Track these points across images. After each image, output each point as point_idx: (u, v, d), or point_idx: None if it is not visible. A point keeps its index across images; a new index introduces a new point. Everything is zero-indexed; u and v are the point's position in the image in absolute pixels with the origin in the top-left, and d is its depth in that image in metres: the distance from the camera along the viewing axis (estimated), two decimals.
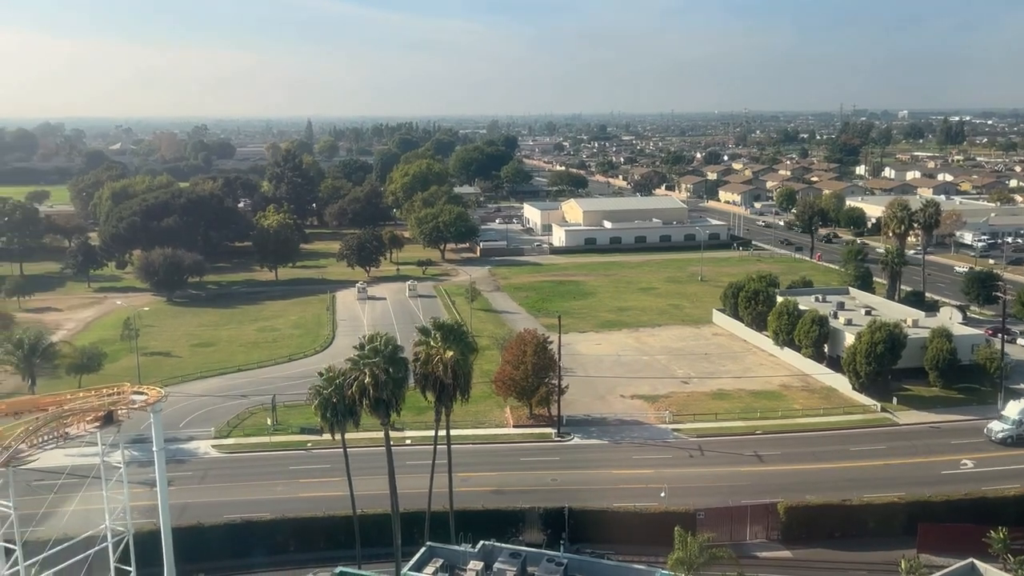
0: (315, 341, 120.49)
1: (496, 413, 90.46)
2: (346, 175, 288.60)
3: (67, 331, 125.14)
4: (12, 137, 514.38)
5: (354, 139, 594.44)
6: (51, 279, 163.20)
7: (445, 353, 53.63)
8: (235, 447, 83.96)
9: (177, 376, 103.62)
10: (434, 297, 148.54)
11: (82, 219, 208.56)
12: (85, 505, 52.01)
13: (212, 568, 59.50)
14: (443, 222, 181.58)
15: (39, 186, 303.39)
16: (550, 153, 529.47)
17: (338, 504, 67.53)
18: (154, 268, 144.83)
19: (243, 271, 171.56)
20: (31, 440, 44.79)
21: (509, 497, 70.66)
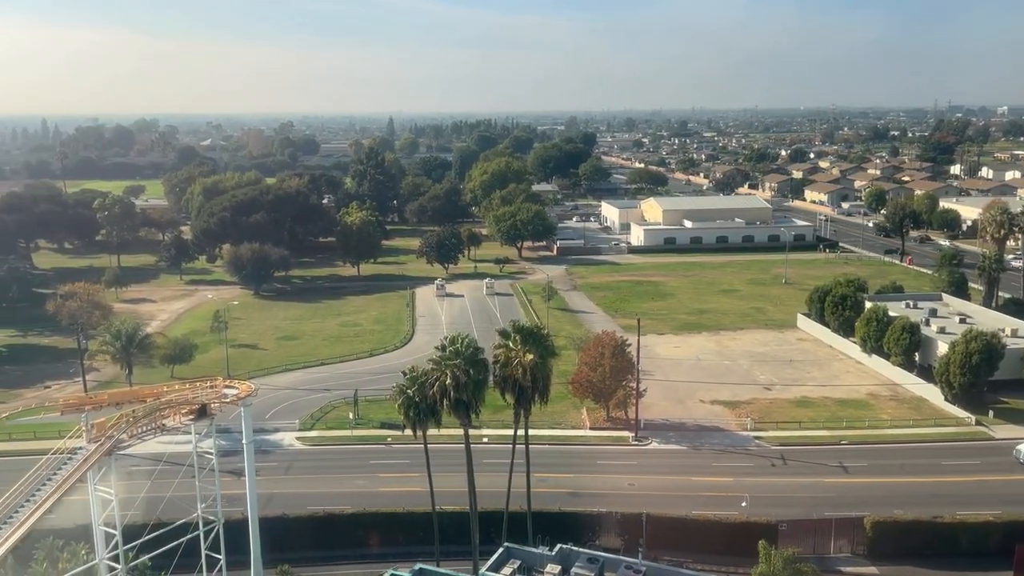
0: (395, 337, 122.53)
1: (573, 414, 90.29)
2: (426, 172, 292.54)
3: (160, 322, 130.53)
4: (111, 133, 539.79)
5: (434, 136, 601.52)
6: (146, 271, 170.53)
7: (525, 356, 53.81)
8: (318, 440, 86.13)
9: (263, 368, 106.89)
10: (511, 295, 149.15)
11: (175, 213, 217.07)
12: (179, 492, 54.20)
13: (296, 558, 61.11)
14: (521, 220, 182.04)
15: (135, 180, 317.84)
16: (629, 150, 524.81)
17: (417, 500, 68.63)
18: (242, 262, 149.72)
19: (327, 266, 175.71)
20: (132, 431, 46.95)
21: (585, 500, 70.53)
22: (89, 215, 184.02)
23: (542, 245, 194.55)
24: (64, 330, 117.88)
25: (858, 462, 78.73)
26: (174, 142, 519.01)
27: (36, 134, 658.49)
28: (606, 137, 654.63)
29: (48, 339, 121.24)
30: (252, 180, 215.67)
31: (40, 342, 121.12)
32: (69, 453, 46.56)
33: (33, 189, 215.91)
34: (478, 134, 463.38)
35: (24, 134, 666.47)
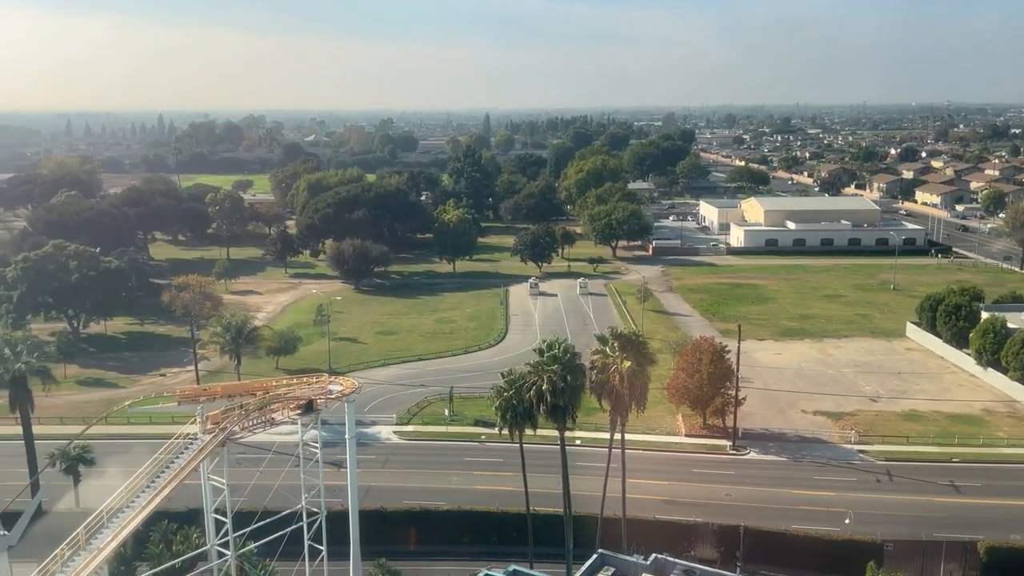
0: (489, 335, 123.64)
1: (668, 420, 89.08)
2: (521, 169, 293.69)
3: (266, 314, 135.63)
4: (221, 129, 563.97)
5: (529, 132, 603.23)
6: (253, 264, 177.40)
7: (622, 363, 53.39)
8: (414, 434, 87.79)
9: (363, 362, 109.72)
10: (605, 296, 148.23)
11: (281, 208, 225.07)
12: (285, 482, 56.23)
13: (392, 552, 62.25)
14: (616, 219, 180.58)
15: (243, 175, 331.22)
16: (729, 147, 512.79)
17: (509, 499, 69.15)
18: (344, 257, 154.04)
19: (423, 262, 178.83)
20: (243, 423, 49.00)
21: (681, 509, 69.57)
22: (201, 209, 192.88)
23: (637, 245, 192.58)
24: (178, 320, 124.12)
25: (971, 481, 74.84)
26: (280, 138, 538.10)
27: (153, 129, 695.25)
28: (705, 133, 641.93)
29: (163, 328, 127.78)
30: (354, 177, 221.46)
31: (156, 330, 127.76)
32: (185, 442, 49.03)
33: (151, 183, 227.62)
34: (573, 131, 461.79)
35: (142, 129, 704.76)
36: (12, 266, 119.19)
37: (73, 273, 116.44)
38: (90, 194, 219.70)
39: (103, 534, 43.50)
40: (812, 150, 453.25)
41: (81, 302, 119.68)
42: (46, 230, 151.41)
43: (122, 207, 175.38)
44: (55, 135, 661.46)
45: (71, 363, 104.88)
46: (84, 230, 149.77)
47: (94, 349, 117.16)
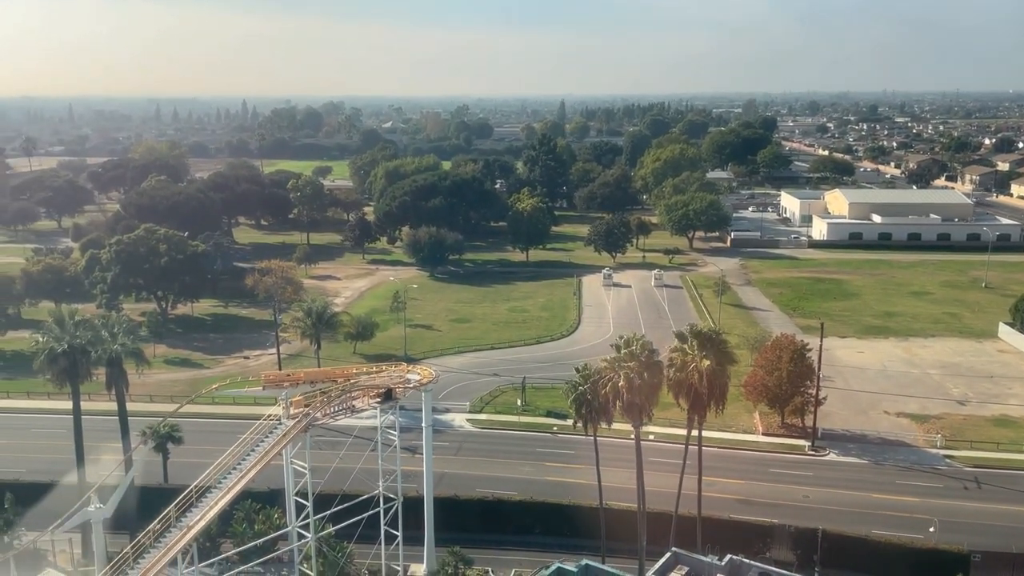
0: (561, 325, 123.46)
1: (744, 418, 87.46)
2: (596, 157, 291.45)
3: (344, 299, 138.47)
4: (302, 115, 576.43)
5: (605, 119, 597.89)
6: (331, 249, 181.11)
7: (702, 362, 52.57)
8: (487, 423, 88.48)
9: (437, 349, 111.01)
10: (680, 288, 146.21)
11: (359, 194, 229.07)
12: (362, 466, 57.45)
13: (465, 539, 62.91)
14: (693, 210, 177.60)
15: (323, 161, 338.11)
16: (812, 135, 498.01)
17: (581, 492, 69.04)
18: (420, 245, 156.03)
19: (497, 251, 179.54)
20: (325, 410, 50.29)
21: (756, 509, 68.39)
22: (283, 195, 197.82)
23: (715, 236, 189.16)
24: (260, 303, 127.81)
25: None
26: (358, 124, 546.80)
27: (237, 115, 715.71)
28: (787, 121, 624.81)
29: (246, 311, 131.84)
30: (430, 165, 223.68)
31: (239, 313, 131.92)
32: (270, 424, 50.63)
33: (235, 169, 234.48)
34: (650, 118, 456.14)
35: (227, 115, 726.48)
36: (107, 248, 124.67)
37: (163, 256, 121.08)
38: (178, 178, 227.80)
39: (192, 512, 45.29)
40: (900, 139, 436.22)
41: (169, 284, 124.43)
42: (137, 214, 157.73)
43: (208, 192, 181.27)
44: (145, 120, 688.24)
45: (160, 343, 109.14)
46: (172, 214, 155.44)
47: (181, 330, 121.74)
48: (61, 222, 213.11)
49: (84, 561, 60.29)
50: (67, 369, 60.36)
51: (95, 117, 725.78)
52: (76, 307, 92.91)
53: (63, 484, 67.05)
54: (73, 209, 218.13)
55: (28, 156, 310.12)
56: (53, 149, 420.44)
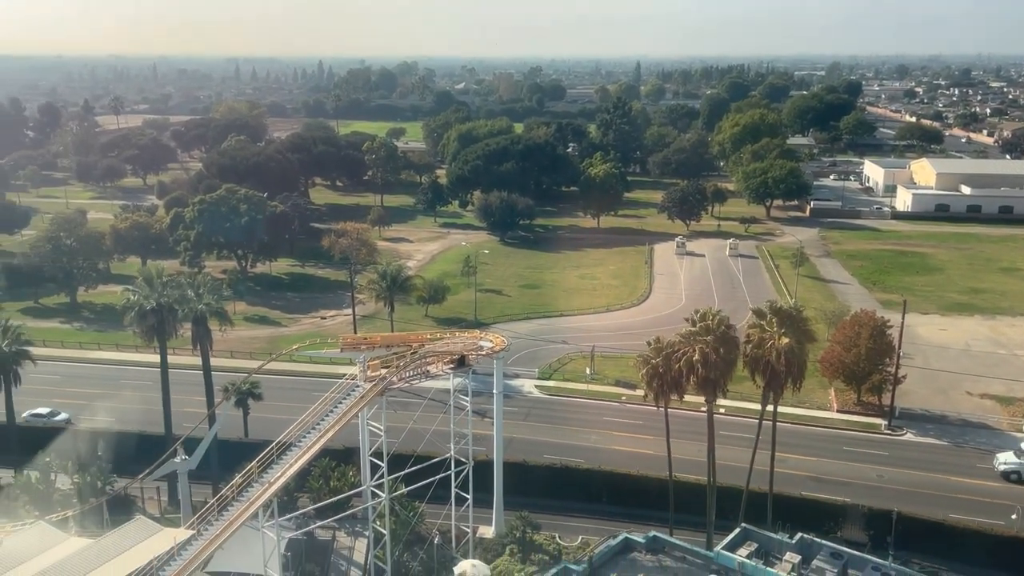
0: (632, 294, 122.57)
1: (819, 394, 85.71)
2: (671, 121, 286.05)
3: (416, 262, 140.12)
4: (376, 76, 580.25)
5: (681, 82, 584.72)
6: (404, 211, 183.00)
7: (780, 340, 51.54)
8: (555, 390, 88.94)
9: (506, 315, 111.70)
10: (756, 258, 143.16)
11: (431, 157, 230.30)
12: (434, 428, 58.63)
13: (532, 504, 63.74)
14: (772, 178, 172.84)
15: (396, 122, 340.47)
16: (899, 101, 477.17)
17: (649, 463, 69.07)
18: (491, 209, 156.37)
19: (567, 216, 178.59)
20: (401, 374, 51.35)
21: (829, 487, 67.32)
22: (358, 156, 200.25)
23: (793, 205, 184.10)
24: (335, 264, 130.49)
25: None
26: (432, 85, 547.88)
27: (313, 75, 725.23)
28: (873, 86, 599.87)
29: (322, 271, 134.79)
30: (502, 128, 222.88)
31: (315, 273, 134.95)
32: (348, 385, 52.02)
33: (312, 130, 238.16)
34: (729, 80, 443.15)
35: (303, 75, 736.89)
36: (190, 207, 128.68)
37: (243, 216, 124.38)
38: (256, 138, 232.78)
39: (274, 469, 47.00)
40: (994, 106, 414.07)
41: (249, 243, 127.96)
42: (219, 173, 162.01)
43: (286, 153, 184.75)
44: (225, 79, 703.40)
45: (239, 301, 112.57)
46: (252, 174, 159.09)
47: (260, 288, 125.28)
48: (146, 179, 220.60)
49: (171, 508, 63.34)
50: (155, 326, 62.93)
51: (178, 76, 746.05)
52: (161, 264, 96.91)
53: (151, 435, 70.46)
54: (157, 167, 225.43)
55: (116, 114, 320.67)
56: (138, 107, 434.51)
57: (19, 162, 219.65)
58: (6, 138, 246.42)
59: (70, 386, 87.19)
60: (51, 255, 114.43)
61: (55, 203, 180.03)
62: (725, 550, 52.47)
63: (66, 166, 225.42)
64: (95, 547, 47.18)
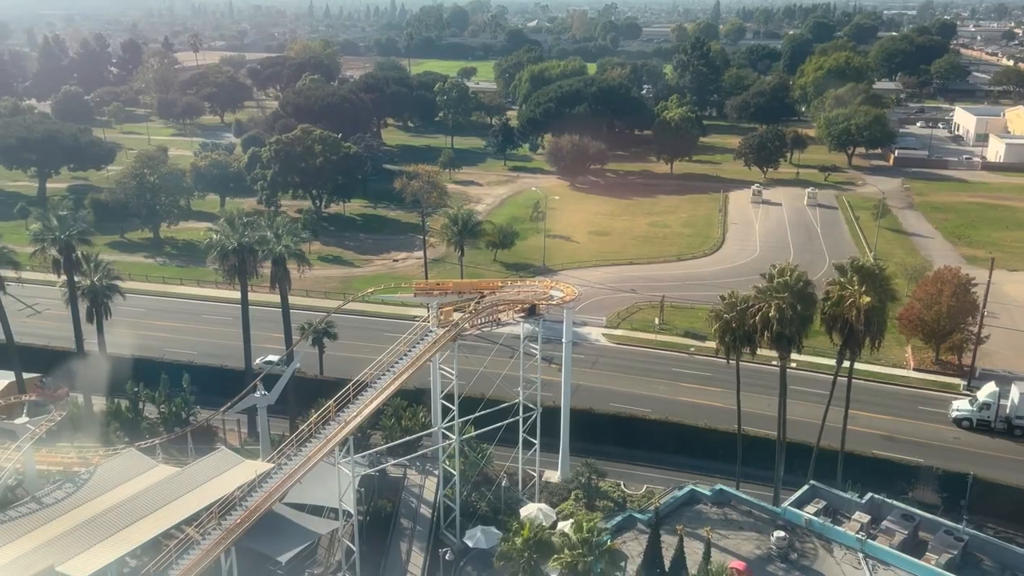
0: (704, 243, 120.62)
1: (895, 351, 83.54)
2: (751, 63, 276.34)
3: (485, 206, 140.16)
4: (449, 13, 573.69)
5: (763, 21, 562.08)
6: (474, 154, 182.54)
7: (861, 298, 50.19)
8: (623, 339, 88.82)
9: (575, 261, 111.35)
10: (835, 209, 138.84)
11: (502, 98, 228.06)
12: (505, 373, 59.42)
13: (598, 452, 64.52)
14: (855, 124, 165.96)
15: (467, 61, 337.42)
16: (996, 43, 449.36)
17: (716, 415, 68.97)
18: (562, 153, 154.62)
19: (640, 161, 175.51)
20: (472, 321, 52.03)
21: (902, 447, 66.27)
22: (430, 97, 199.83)
23: (877, 153, 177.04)
24: (406, 206, 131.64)
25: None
26: (504, 23, 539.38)
27: (385, 12, 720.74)
28: (968, 26, 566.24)
29: (393, 213, 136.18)
30: (575, 69, 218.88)
31: (387, 215, 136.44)
32: (422, 328, 53.06)
33: (385, 70, 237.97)
34: (813, 20, 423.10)
35: (376, 12, 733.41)
36: (267, 147, 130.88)
37: (318, 157, 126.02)
38: (330, 77, 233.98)
39: (350, 408, 48.56)
40: None
41: (324, 184, 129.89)
42: (294, 113, 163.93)
43: (359, 93, 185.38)
44: (298, 16, 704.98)
45: (314, 241, 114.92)
46: (326, 114, 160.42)
47: (333, 228, 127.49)
48: (223, 117, 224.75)
49: (250, 440, 66.17)
50: (236, 266, 64.85)
51: (253, 12, 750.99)
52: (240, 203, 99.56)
53: (231, 369, 73.38)
54: (234, 105, 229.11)
55: (194, 51, 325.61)
56: (215, 44, 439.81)
57: (104, 98, 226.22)
58: (92, 74, 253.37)
59: (155, 319, 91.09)
60: (135, 191, 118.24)
61: (138, 139, 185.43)
62: (792, 506, 52.59)
63: (147, 103, 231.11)
64: (182, 475, 49.88)
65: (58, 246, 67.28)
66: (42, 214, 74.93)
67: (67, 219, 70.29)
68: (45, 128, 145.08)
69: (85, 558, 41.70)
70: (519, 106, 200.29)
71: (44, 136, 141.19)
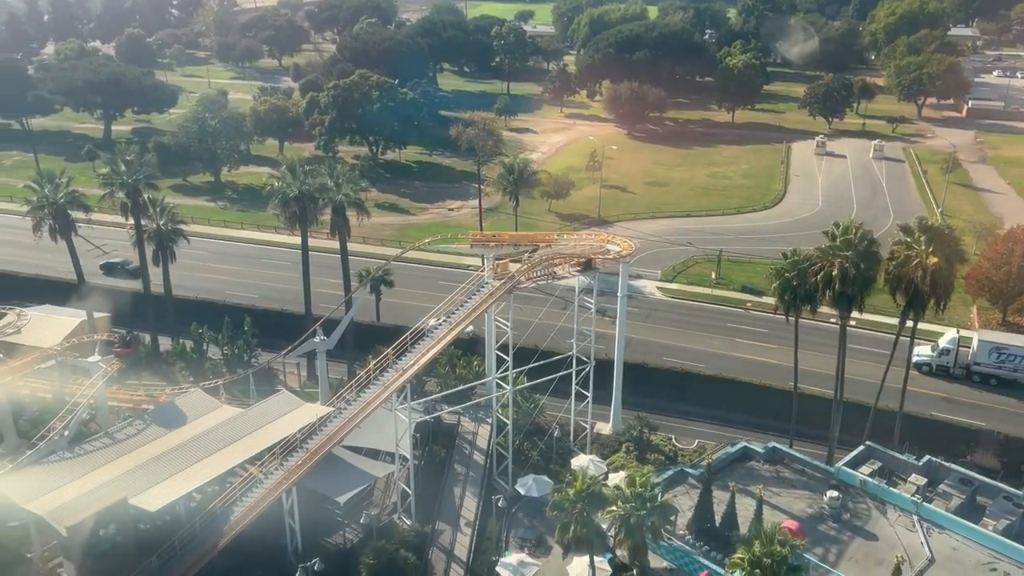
0: (765, 195, 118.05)
1: (960, 311, 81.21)
2: (819, 7, 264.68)
3: (541, 154, 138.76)
4: None
5: None
6: (530, 100, 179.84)
7: (928, 259, 48.78)
8: (678, 293, 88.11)
9: (631, 213, 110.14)
10: (902, 162, 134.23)
11: (559, 43, 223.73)
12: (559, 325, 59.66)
13: (650, 405, 64.75)
14: (928, 74, 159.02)
15: (525, 4, 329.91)
16: None
17: (771, 372, 68.44)
18: (620, 101, 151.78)
19: (700, 109, 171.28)
20: (529, 274, 52.14)
21: (962, 410, 65.08)
22: (487, 42, 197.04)
23: (949, 104, 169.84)
24: (461, 153, 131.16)
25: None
26: None
27: None
28: None
29: (448, 160, 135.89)
30: (636, 13, 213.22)
31: (442, 162, 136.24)
32: (478, 279, 53.46)
33: (441, 14, 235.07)
34: None
35: None
36: (324, 92, 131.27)
37: (375, 103, 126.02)
38: (387, 20, 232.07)
39: (407, 356, 49.40)
40: None
41: (380, 130, 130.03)
42: (351, 58, 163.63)
43: (416, 38, 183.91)
44: None
45: (371, 188, 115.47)
46: (383, 59, 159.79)
47: (389, 175, 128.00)
48: (281, 60, 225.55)
49: (309, 384, 67.91)
50: (297, 213, 65.78)
51: None
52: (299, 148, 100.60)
53: (291, 313, 75.07)
54: (292, 48, 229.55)
55: None
56: None
57: (165, 40, 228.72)
58: (153, 16, 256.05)
59: (216, 262, 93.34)
60: (197, 135, 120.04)
61: (198, 82, 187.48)
62: (847, 467, 52.29)
63: (207, 45, 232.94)
64: (245, 415, 51.59)
65: (126, 190, 69.04)
66: (110, 159, 76.78)
67: (134, 164, 71.90)
68: (110, 71, 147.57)
69: (155, 492, 43.66)
70: (577, 51, 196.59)
71: (109, 79, 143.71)
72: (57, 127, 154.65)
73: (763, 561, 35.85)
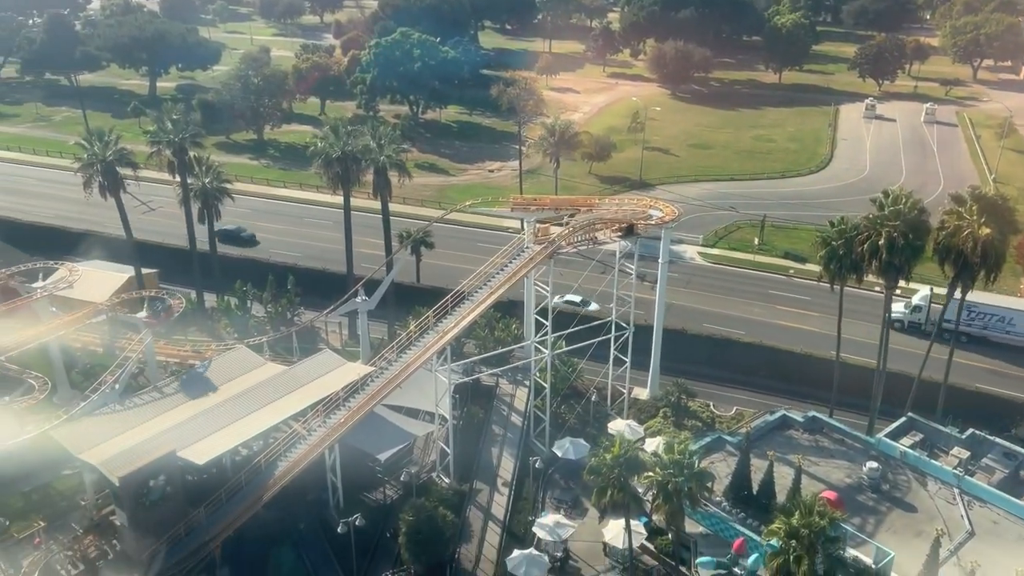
0: (811, 160, 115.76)
1: (1010, 282, 79.20)
2: None
3: (582, 114, 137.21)
4: None
5: None
6: (572, 59, 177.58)
7: (979, 230, 47.55)
8: (719, 258, 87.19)
9: (673, 176, 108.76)
10: (955, 127, 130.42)
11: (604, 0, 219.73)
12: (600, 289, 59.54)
13: (689, 372, 64.49)
14: (985, 34, 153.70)
15: None
16: None
17: (812, 341, 67.71)
18: (664, 61, 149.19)
19: (746, 69, 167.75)
20: (569, 239, 51.98)
21: (1009, 382, 63.95)
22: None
23: (1007, 66, 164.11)
24: (502, 113, 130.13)
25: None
26: None
27: None
28: None
29: (489, 120, 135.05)
30: None
31: (482, 122, 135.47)
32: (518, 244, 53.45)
33: None
34: None
35: None
36: (366, 50, 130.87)
37: (416, 61, 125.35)
38: None
39: (448, 319, 49.82)
40: None
41: (421, 89, 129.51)
42: (393, 15, 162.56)
43: None
44: None
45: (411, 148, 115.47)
46: (425, 16, 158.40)
47: (429, 135, 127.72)
48: (323, 17, 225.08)
49: (350, 343, 68.85)
50: (340, 174, 66.11)
51: None
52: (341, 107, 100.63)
53: (334, 272, 75.89)
54: (334, 4, 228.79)
55: None
56: None
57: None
58: None
59: (260, 220, 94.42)
60: (240, 93, 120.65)
61: (241, 39, 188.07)
62: (888, 438, 51.85)
63: (250, 1, 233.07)
64: (289, 373, 52.60)
65: (172, 148, 69.89)
66: (157, 117, 77.61)
67: (180, 122, 72.66)
68: (155, 27, 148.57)
69: (202, 446, 44.91)
70: (621, 8, 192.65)
71: (154, 35, 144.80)
72: (104, 83, 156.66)
73: (800, 532, 35.87)
